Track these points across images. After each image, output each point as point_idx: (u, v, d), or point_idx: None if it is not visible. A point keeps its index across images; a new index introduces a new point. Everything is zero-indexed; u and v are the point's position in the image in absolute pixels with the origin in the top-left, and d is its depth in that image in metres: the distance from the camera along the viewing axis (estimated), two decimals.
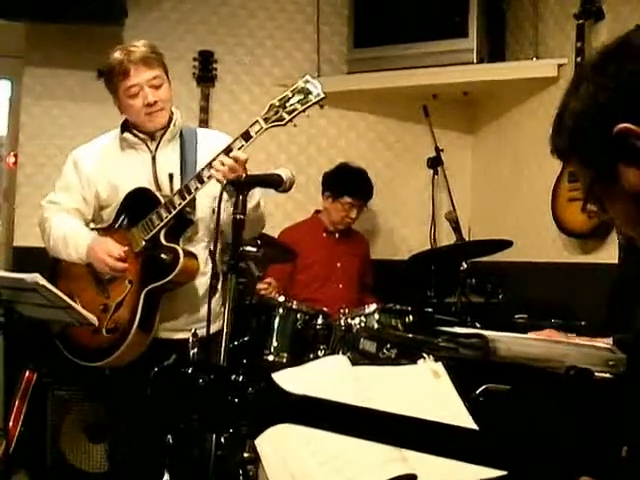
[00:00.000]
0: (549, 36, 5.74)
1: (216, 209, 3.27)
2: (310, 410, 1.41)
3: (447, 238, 6.00)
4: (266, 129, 3.59)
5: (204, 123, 6.09)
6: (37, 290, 3.44)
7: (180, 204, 3.71)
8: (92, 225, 4.04)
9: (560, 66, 5.54)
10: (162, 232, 3.77)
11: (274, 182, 3.29)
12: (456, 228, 5.48)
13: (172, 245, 3.76)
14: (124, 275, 3.83)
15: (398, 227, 6.66)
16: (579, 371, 2.30)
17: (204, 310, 3.80)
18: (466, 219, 6.01)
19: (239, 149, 3.60)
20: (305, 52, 6.50)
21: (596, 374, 2.34)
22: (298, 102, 3.53)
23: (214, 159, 3.62)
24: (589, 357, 2.44)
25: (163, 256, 3.76)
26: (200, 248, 3.92)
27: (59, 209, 3.99)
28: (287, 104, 3.55)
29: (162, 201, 3.76)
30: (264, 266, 5.23)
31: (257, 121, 3.59)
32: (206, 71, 6.27)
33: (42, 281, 3.41)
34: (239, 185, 3.15)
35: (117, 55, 3.81)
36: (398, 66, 6.11)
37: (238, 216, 3.09)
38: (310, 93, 3.53)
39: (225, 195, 3.42)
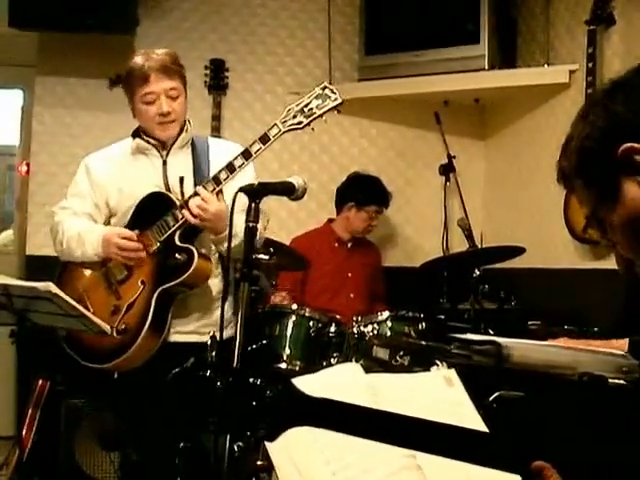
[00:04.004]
0: (560, 42, 5.73)
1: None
2: (328, 412, 1.41)
3: (459, 245, 5.99)
4: (284, 132, 3.65)
5: (216, 131, 6.11)
6: (50, 299, 3.44)
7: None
8: None
9: (571, 72, 5.53)
10: (177, 233, 3.78)
11: (286, 190, 3.30)
12: (468, 235, 5.47)
13: (187, 246, 3.77)
14: (136, 275, 3.84)
15: (410, 234, 6.66)
16: (593, 377, 2.30)
17: (216, 314, 3.81)
18: (478, 226, 5.99)
19: (256, 152, 3.67)
20: (317, 60, 6.51)
21: (610, 381, 2.33)
22: (316, 107, 3.61)
23: (234, 159, 3.68)
24: (603, 363, 2.43)
25: (177, 256, 3.76)
26: (212, 252, 3.93)
27: (70, 213, 3.99)
28: (305, 108, 3.62)
29: (177, 203, 3.76)
30: (275, 273, 5.24)
31: (275, 124, 3.65)
32: (218, 79, 6.29)
33: (55, 290, 3.41)
34: (252, 193, 3.16)
35: (139, 59, 3.81)
36: (409, 73, 6.11)
37: (251, 224, 3.09)
38: (328, 98, 3.62)
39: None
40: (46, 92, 6.20)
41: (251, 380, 1.37)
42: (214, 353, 3.45)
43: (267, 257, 3.76)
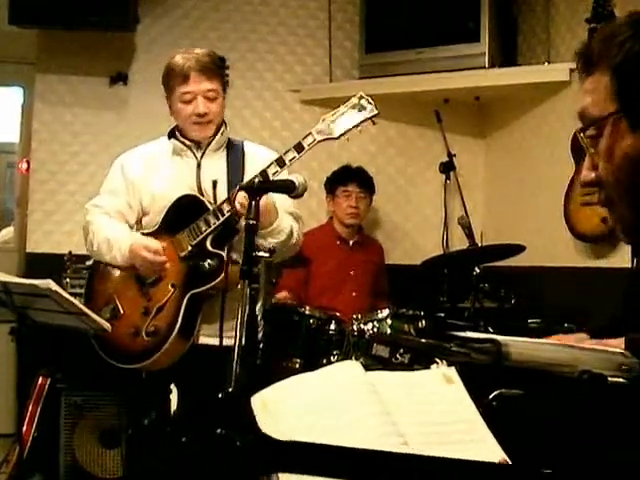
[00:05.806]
0: (561, 40, 5.72)
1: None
2: (301, 457, 1.39)
3: (460, 243, 5.98)
4: (318, 142, 3.63)
5: None
6: (50, 296, 3.44)
7: (229, 211, 3.70)
8: (135, 229, 4.05)
9: (572, 70, 5.51)
10: (208, 238, 3.77)
11: (287, 188, 3.31)
12: (469, 233, 5.47)
13: (218, 251, 3.76)
14: (167, 278, 3.84)
15: (410, 232, 6.65)
16: (593, 375, 2.29)
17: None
18: (479, 224, 6.00)
19: (290, 160, 3.64)
20: (317, 57, 6.51)
21: (609, 379, 2.33)
22: (351, 118, 3.57)
23: (267, 167, 3.63)
24: (602, 361, 2.43)
25: (209, 262, 3.76)
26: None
27: (102, 212, 3.99)
28: (340, 119, 3.58)
29: (210, 208, 3.75)
30: (278, 271, 5.24)
31: (310, 133, 3.63)
32: None
33: (55, 287, 3.42)
34: (252, 191, 3.16)
35: (179, 59, 3.83)
36: (410, 71, 6.11)
37: (251, 221, 3.09)
38: (364, 109, 3.58)
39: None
40: (46, 90, 6.19)
41: (218, 431, 1.34)
42: (176, 407, 3.44)
43: (268, 255, 3.76)
